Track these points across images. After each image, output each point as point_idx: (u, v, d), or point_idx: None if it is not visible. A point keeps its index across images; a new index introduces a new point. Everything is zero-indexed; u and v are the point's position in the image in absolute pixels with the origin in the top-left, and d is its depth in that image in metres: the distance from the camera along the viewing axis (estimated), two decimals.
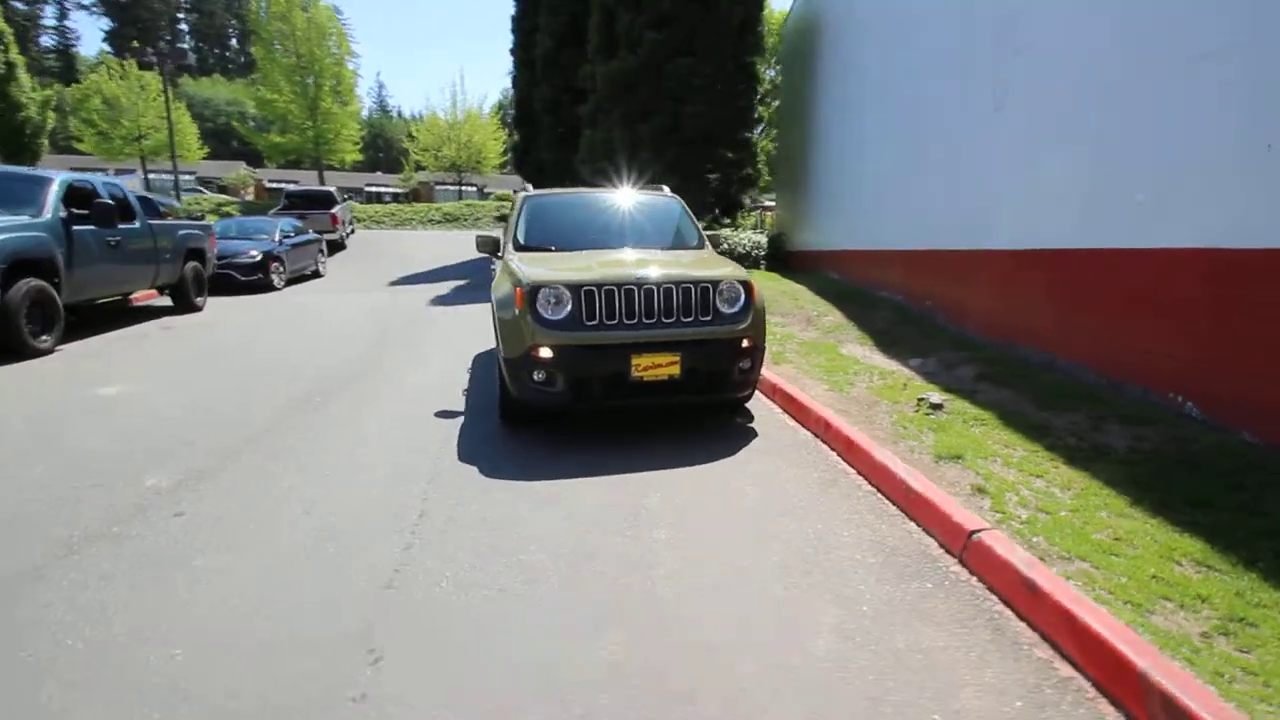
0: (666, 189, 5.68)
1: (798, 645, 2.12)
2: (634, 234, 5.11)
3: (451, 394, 5.27)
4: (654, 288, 3.90)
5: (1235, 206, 3.55)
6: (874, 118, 8.75)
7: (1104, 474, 3.17)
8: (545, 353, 3.82)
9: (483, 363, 6.48)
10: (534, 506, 3.16)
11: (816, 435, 4.11)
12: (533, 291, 3.89)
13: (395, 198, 45.57)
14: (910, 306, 7.46)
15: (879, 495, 3.21)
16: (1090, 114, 4.70)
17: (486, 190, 44.27)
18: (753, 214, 17.32)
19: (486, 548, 2.76)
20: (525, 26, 18.60)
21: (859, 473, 3.48)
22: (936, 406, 4.40)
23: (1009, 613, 2.25)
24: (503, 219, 33.41)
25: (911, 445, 3.69)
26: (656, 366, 3.87)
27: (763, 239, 14.84)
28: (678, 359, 3.89)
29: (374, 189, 45.67)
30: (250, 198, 34.70)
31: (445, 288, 13.54)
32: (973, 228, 6.07)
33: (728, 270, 4.19)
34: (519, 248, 4.87)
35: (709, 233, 5.27)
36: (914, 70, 7.39)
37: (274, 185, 44.68)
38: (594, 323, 3.87)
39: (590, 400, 3.91)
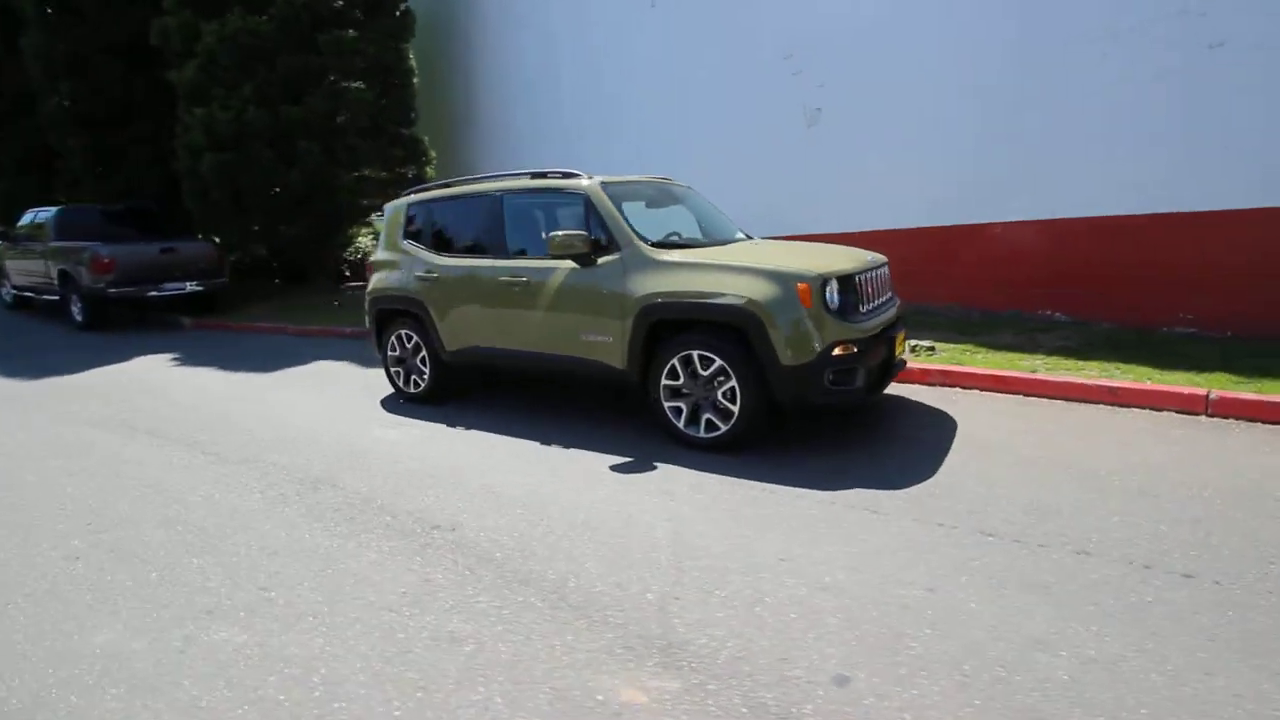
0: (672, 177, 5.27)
1: None
2: (728, 224, 4.76)
3: (520, 453, 4.00)
4: (876, 272, 4.01)
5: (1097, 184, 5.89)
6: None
7: (1112, 356, 4.99)
8: (848, 348, 3.53)
9: (427, 414, 4.83)
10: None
11: (933, 384, 4.92)
12: (823, 285, 3.51)
13: None
14: None
15: (1077, 403, 4.32)
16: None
17: None
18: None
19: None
20: None
21: (1029, 395, 4.51)
22: (930, 349, 5.72)
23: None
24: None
25: None
26: (898, 347, 4.02)
27: None
28: (903, 336, 4.13)
29: None
30: None
31: None
32: (816, 216, 7.56)
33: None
34: (658, 245, 3.99)
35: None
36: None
37: None
38: (865, 311, 3.75)
39: (874, 391, 3.79)
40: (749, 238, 4.95)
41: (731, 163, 8.04)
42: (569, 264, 4.14)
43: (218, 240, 11.10)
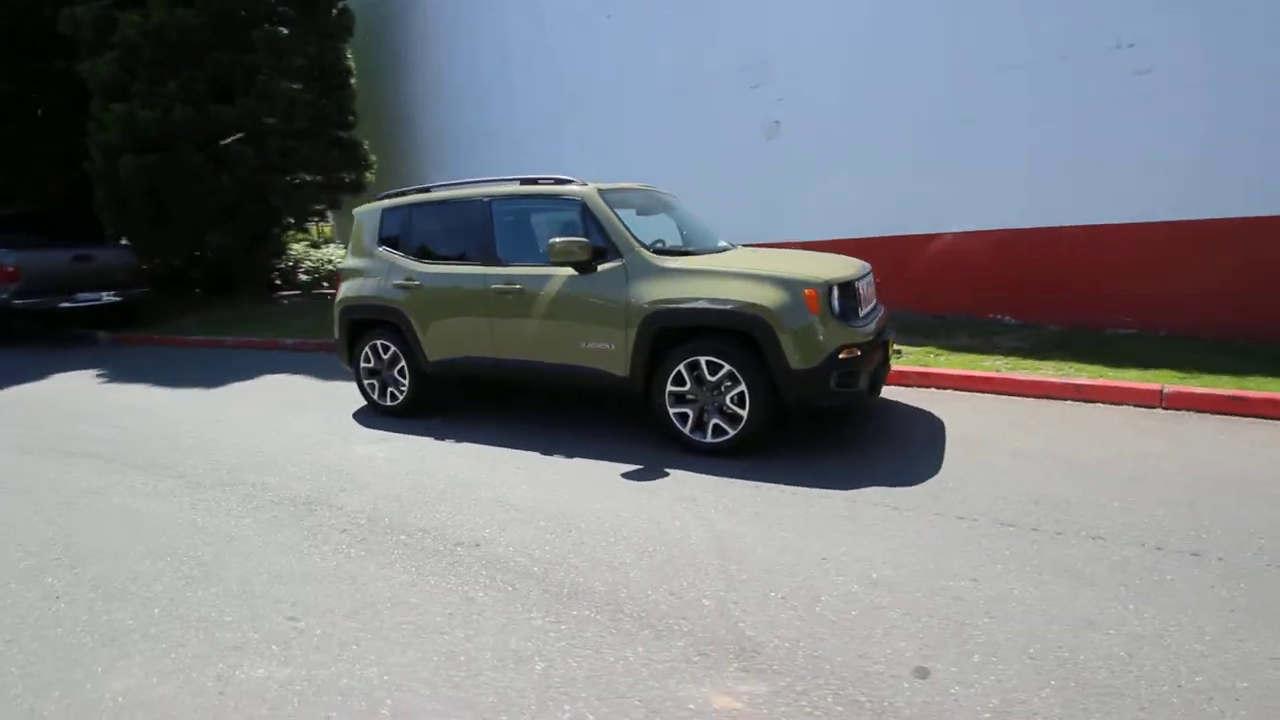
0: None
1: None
2: (710, 233, 4.79)
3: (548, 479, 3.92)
4: (867, 278, 4.17)
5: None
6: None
7: (1065, 356, 5.37)
8: (851, 351, 3.64)
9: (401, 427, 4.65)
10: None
11: (910, 385, 5.13)
12: (828, 291, 3.61)
13: None
14: None
15: (1041, 400, 4.61)
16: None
17: None
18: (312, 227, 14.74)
19: None
20: None
21: (1000, 393, 4.79)
22: (897, 352, 5.96)
23: (1226, 414, 4.10)
24: None
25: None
26: (890, 350, 4.17)
27: None
28: (893, 340, 4.29)
29: None
30: None
31: None
32: (773, 226, 7.75)
33: None
34: (660, 252, 4.01)
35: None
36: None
37: None
38: (863, 315, 3.89)
39: (873, 392, 3.92)
40: (731, 246, 5.03)
41: (691, 171, 8.15)
42: (567, 271, 4.08)
43: (133, 248, 10.29)
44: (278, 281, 12.50)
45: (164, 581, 2.72)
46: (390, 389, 4.95)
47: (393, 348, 4.85)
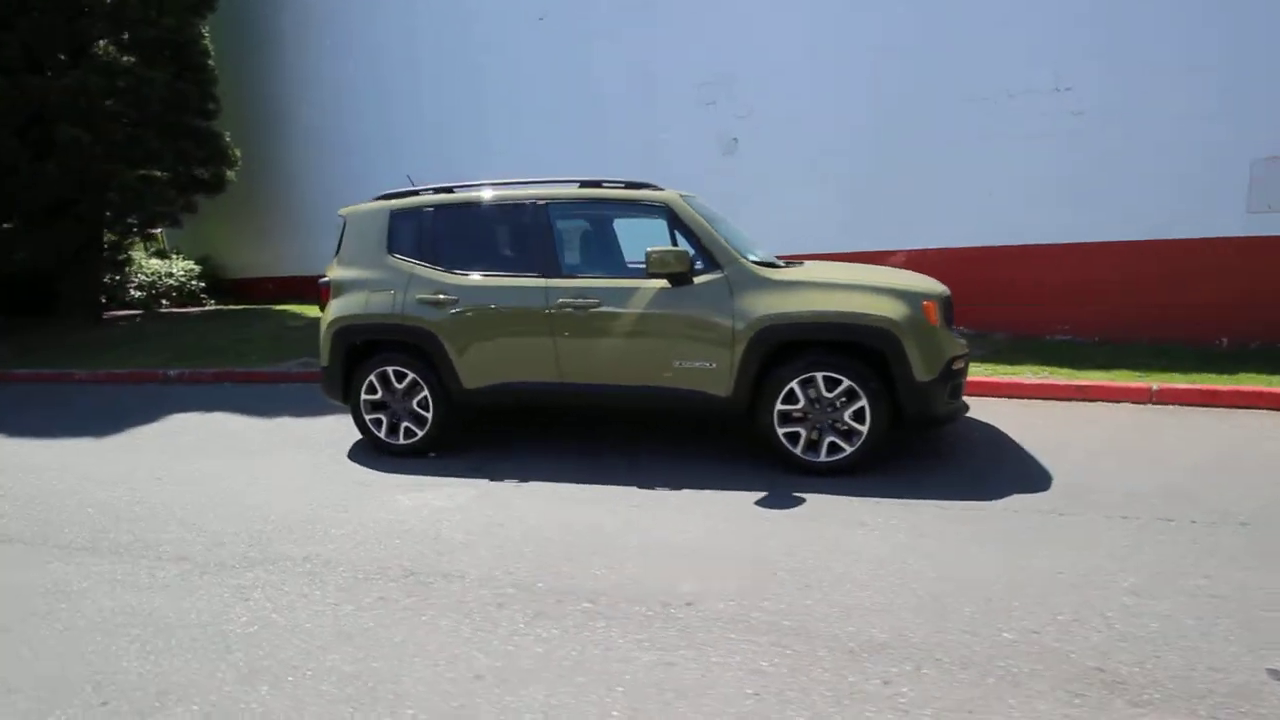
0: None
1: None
2: (751, 245, 4.59)
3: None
4: None
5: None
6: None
7: (1032, 360, 5.95)
8: (959, 362, 3.68)
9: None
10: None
11: None
12: (945, 303, 3.62)
13: None
14: None
15: (1047, 401, 5.04)
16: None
17: None
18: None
19: None
20: None
21: (1014, 396, 5.15)
22: None
23: (1203, 406, 4.75)
24: None
25: None
26: None
27: (194, 266, 11.65)
28: None
29: None
30: None
31: None
32: None
33: None
34: (759, 264, 3.74)
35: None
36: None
37: None
38: (955, 329, 3.94)
39: (967, 406, 3.97)
40: (774, 259, 4.92)
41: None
42: (656, 284, 3.69)
43: None
44: (103, 299, 10.18)
45: (313, 713, 1.96)
46: (405, 424, 4.15)
47: (410, 374, 4.07)
